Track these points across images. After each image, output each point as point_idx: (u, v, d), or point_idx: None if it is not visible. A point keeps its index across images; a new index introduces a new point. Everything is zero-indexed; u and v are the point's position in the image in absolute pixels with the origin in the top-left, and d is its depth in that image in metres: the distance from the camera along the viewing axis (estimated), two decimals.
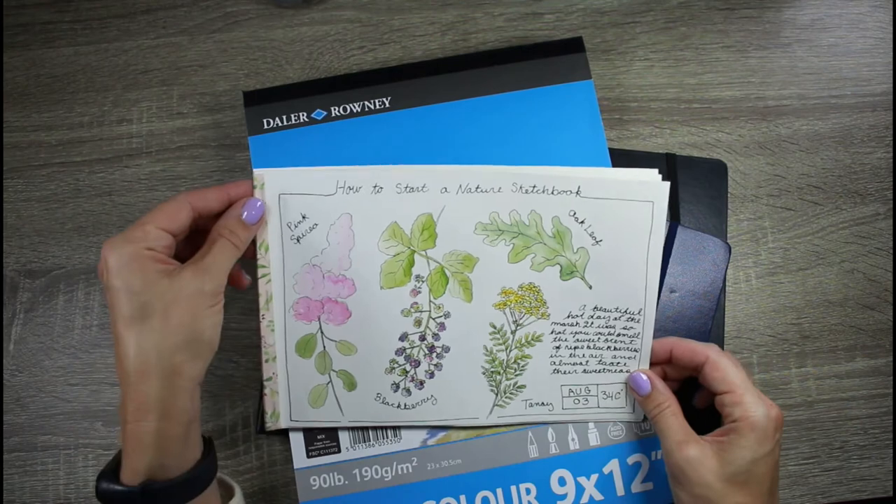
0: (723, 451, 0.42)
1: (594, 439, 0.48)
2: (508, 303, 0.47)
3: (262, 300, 0.46)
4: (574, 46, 0.53)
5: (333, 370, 0.47)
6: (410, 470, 0.48)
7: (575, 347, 0.47)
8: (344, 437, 0.48)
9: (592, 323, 0.47)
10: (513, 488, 0.48)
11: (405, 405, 0.47)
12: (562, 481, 0.48)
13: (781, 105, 0.57)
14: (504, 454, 0.48)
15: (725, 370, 0.43)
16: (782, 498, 0.52)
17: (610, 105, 0.57)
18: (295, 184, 0.46)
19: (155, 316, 0.38)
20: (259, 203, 0.44)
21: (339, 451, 0.48)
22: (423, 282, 0.47)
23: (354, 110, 0.52)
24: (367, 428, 0.48)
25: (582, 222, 0.46)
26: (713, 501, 0.41)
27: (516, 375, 0.47)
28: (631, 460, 0.48)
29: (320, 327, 0.47)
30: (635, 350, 0.47)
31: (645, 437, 0.48)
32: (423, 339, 0.47)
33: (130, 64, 0.58)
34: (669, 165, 0.53)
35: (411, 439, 0.48)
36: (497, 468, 0.48)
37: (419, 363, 0.47)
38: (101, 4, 0.59)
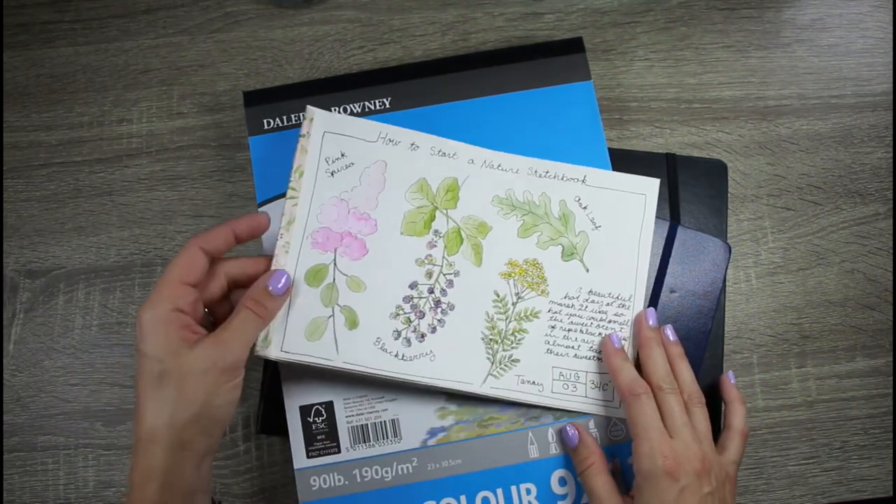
0: None
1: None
2: (513, 274, 0.49)
3: (284, 220, 0.47)
4: (574, 47, 0.53)
5: (338, 304, 0.47)
6: (410, 470, 0.48)
7: (569, 330, 0.49)
8: (344, 438, 0.48)
9: (587, 307, 0.49)
10: (513, 488, 0.48)
11: (403, 356, 0.47)
12: (562, 481, 0.48)
13: (781, 105, 0.57)
14: (504, 454, 0.48)
15: (635, 413, 0.43)
16: (782, 498, 0.52)
17: (610, 105, 0.57)
18: (341, 126, 0.49)
19: (170, 386, 0.38)
20: (286, 275, 0.44)
21: (339, 452, 0.48)
22: (440, 237, 0.49)
23: (355, 111, 0.52)
24: (356, 375, 0.47)
25: (585, 207, 0.50)
26: None
27: (512, 348, 0.48)
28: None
29: (335, 259, 0.48)
30: (624, 339, 0.48)
31: None
32: (431, 291, 0.48)
33: (130, 64, 0.58)
34: (669, 165, 0.53)
35: (411, 439, 0.48)
36: (497, 468, 0.48)
37: (424, 315, 0.48)
38: (101, 4, 0.59)
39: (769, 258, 0.55)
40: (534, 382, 0.48)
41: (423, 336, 0.48)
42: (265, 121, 0.52)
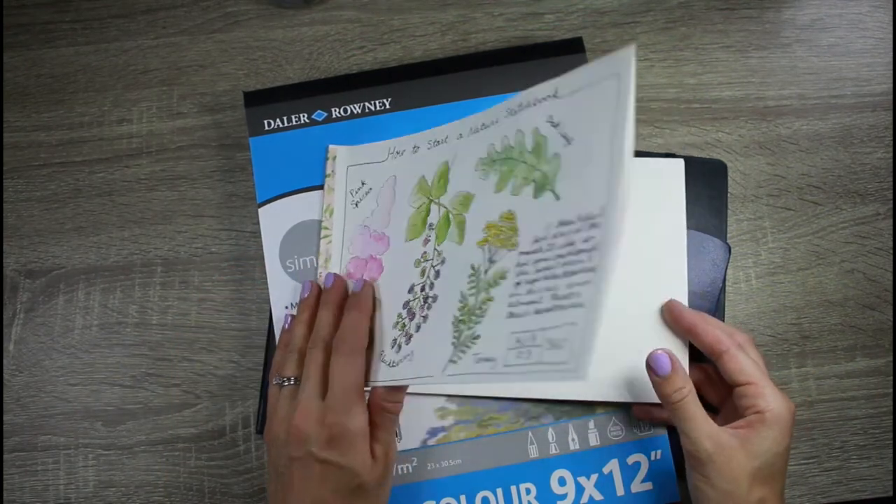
0: (748, 443, 0.41)
1: (594, 439, 0.48)
2: (489, 237, 0.41)
3: (321, 259, 0.50)
4: (574, 47, 0.53)
5: None
6: (410, 470, 0.48)
7: (534, 281, 0.37)
8: None
9: (555, 244, 0.36)
10: (513, 488, 0.48)
11: (392, 362, 0.43)
12: (562, 481, 0.48)
13: (781, 105, 0.57)
14: (504, 454, 0.48)
15: (743, 363, 0.43)
16: None
17: None
18: (359, 156, 0.51)
19: (362, 498, 0.41)
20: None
21: None
22: (432, 229, 0.45)
23: (355, 111, 0.52)
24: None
25: (557, 125, 0.38)
26: (738, 496, 0.40)
27: (475, 324, 0.39)
28: (630, 460, 0.48)
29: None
30: (590, 269, 0.33)
31: (645, 437, 0.48)
32: (423, 289, 0.44)
33: (130, 64, 0.58)
34: None
35: (411, 439, 0.48)
36: (497, 468, 0.48)
37: (414, 316, 0.44)
38: (101, 4, 0.59)
39: (769, 258, 0.55)
40: (488, 359, 0.37)
41: (409, 338, 0.43)
42: (265, 121, 0.52)
